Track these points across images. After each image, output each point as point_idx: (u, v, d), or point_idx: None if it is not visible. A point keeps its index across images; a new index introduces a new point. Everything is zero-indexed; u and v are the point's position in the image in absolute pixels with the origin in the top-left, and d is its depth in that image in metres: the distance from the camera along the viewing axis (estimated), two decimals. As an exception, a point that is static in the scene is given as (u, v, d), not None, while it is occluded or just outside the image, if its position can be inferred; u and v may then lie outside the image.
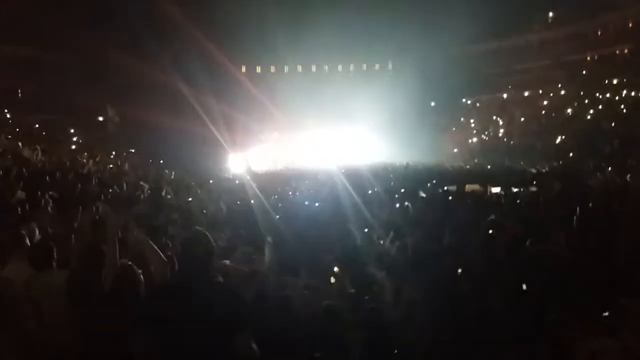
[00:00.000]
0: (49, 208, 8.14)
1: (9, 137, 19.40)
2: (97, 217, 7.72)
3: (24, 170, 12.46)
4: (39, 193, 9.06)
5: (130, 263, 3.91)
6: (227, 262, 6.11)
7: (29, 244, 4.73)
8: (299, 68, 35.22)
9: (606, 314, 4.21)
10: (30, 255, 4.22)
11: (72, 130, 28.57)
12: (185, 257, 3.11)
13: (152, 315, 2.90)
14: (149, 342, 2.92)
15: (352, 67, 35.88)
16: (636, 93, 28.78)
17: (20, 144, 18.85)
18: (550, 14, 39.92)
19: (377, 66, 34.92)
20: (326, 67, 34.69)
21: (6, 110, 27.05)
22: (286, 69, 34.97)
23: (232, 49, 33.12)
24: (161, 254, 4.44)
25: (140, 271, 3.80)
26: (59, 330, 3.51)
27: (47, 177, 11.98)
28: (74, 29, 30.27)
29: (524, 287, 5.33)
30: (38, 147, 18.98)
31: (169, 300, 2.91)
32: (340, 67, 35.12)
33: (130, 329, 3.09)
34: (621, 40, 34.94)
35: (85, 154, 21.43)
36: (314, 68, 35.55)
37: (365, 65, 35.77)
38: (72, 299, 3.67)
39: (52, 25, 30.16)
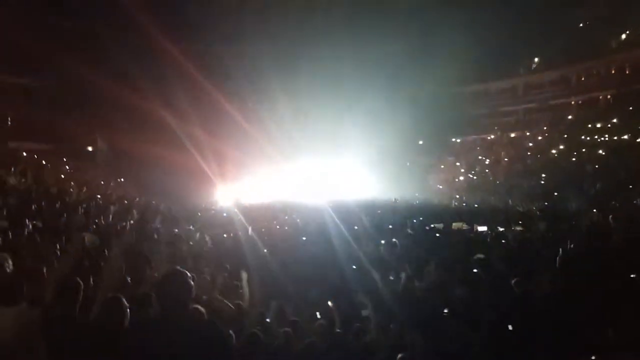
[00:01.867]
0: (33, 237, 8.05)
1: (-4, 164, 19.21)
2: (83, 247, 7.69)
3: (8, 198, 12.34)
4: (23, 222, 8.97)
5: (118, 295, 3.86)
6: (206, 298, 6.04)
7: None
8: (289, 103, 35.54)
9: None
10: None
11: (60, 159, 28.37)
12: (162, 296, 3.07)
13: (129, 350, 2.87)
14: None
15: (342, 104, 36.31)
16: (619, 137, 29.42)
17: (5, 171, 18.69)
18: (536, 59, 41.10)
19: (368, 104, 35.43)
20: (316, 103, 35.03)
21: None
22: (277, 104, 35.31)
23: (222, 84, 33.48)
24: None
25: (126, 304, 3.75)
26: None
27: (33, 206, 11.87)
28: (66, 58, 30.48)
29: (510, 327, 5.33)
30: (25, 175, 18.85)
31: (142, 338, 2.88)
32: (332, 104, 35.49)
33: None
34: (604, 85, 35.92)
35: (72, 183, 21.25)
36: (304, 104, 35.91)
37: (356, 103, 36.25)
38: (47, 333, 3.56)
39: (44, 55, 30.35)
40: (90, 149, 35.99)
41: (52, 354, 3.41)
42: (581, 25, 37.07)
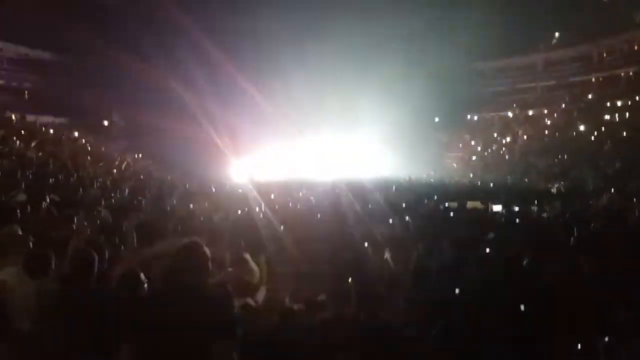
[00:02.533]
0: (51, 211, 8.17)
1: (14, 137, 19.45)
2: (99, 222, 7.79)
3: (27, 172, 12.51)
4: (41, 195, 9.09)
5: (134, 267, 3.91)
6: (225, 272, 6.10)
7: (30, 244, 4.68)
8: (304, 79, 35.24)
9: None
10: (25, 262, 4.09)
11: (76, 134, 28.65)
12: (177, 267, 3.10)
13: (142, 321, 2.92)
14: (135, 347, 2.93)
15: (359, 79, 35.93)
16: (639, 115, 28.85)
17: (24, 145, 18.94)
18: (556, 35, 40.15)
19: (383, 79, 34.99)
20: (331, 79, 34.71)
21: (14, 110, 27.19)
22: (292, 79, 35.08)
23: (238, 59, 33.31)
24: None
25: (142, 275, 3.80)
26: (51, 336, 3.50)
27: (50, 180, 12.02)
28: (83, 33, 30.51)
29: (522, 307, 5.31)
30: (42, 149, 19.09)
31: (157, 308, 2.93)
32: (347, 79, 35.11)
33: (120, 333, 3.09)
34: (626, 62, 35.07)
35: (89, 157, 21.48)
36: (319, 79, 35.63)
37: (372, 77, 35.82)
38: (63, 305, 3.64)
39: (61, 29, 30.43)
40: (106, 123, 36.29)
41: (70, 327, 3.48)
42: (603, 0, 36.07)
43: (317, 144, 34.39)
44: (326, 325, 4.78)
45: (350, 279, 7.17)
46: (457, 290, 5.91)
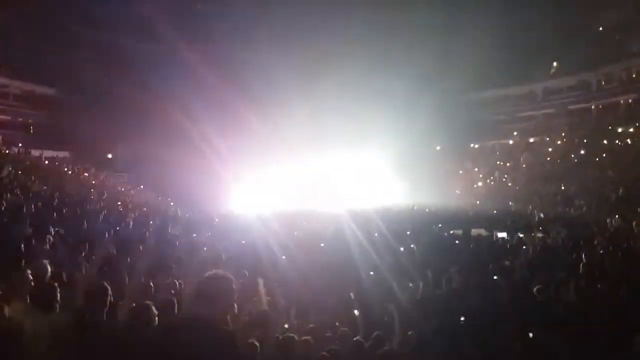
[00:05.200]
0: (56, 244, 8.18)
1: (19, 172, 19.59)
2: (105, 254, 7.79)
3: (32, 206, 12.55)
4: (46, 229, 9.10)
5: (148, 303, 3.89)
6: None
7: (33, 284, 4.67)
8: (307, 109, 35.51)
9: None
10: (32, 295, 4.10)
11: (80, 167, 28.87)
12: (204, 299, 3.04)
13: (157, 355, 2.89)
14: None
15: (361, 108, 36.27)
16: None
17: (29, 179, 19.06)
18: (554, 64, 40.68)
19: (385, 108, 35.33)
20: (334, 108, 34.97)
21: (19, 145, 27.49)
22: (295, 109, 35.36)
23: (239, 88, 33.64)
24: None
25: (154, 311, 3.78)
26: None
27: (55, 214, 12.06)
28: (86, 68, 31.07)
29: (531, 335, 5.27)
30: (47, 182, 19.19)
31: (169, 342, 2.90)
32: (349, 108, 35.39)
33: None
34: (625, 90, 35.38)
35: (93, 190, 21.57)
36: (322, 109, 35.87)
37: (374, 107, 36.18)
38: (75, 339, 3.63)
39: (64, 64, 31.00)
40: (110, 156, 36.55)
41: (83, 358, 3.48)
42: (600, 29, 36.62)
43: (320, 173, 34.48)
44: (335, 356, 4.73)
45: (355, 310, 7.12)
46: (464, 318, 5.87)
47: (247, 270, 9.05)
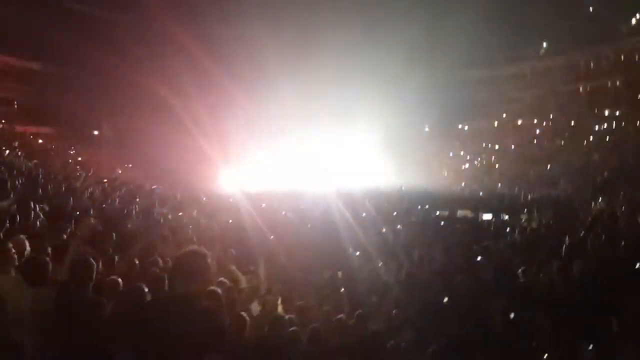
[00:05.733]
0: (39, 221, 8.11)
1: (3, 148, 19.32)
2: (90, 232, 7.74)
3: (17, 182, 12.40)
4: (31, 205, 9.00)
5: (139, 284, 3.86)
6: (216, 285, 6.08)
7: (16, 258, 4.63)
8: (295, 87, 35.25)
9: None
10: (23, 269, 4.08)
11: (66, 143, 28.53)
12: (180, 275, 3.05)
13: (136, 331, 2.89)
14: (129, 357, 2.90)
15: (349, 88, 36.11)
16: (627, 125, 29.18)
17: (14, 154, 18.83)
18: (544, 44, 40.63)
19: (373, 88, 35.24)
20: (322, 88, 34.76)
21: (3, 121, 27.05)
22: (282, 87, 35.12)
23: (227, 67, 33.30)
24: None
25: (147, 291, 3.75)
26: (48, 345, 3.48)
27: (40, 190, 11.93)
28: (71, 42, 30.46)
29: (512, 315, 5.35)
30: (32, 159, 18.97)
31: (151, 318, 2.89)
32: (337, 89, 35.18)
33: (115, 342, 3.07)
34: (613, 72, 35.51)
35: (78, 167, 21.35)
36: (309, 88, 35.67)
37: (362, 87, 36.06)
38: (60, 313, 3.64)
39: (50, 39, 30.35)
40: (96, 132, 36.12)
41: (68, 334, 3.48)
42: (590, 9, 36.56)
43: (307, 153, 34.41)
44: (316, 334, 4.78)
45: (341, 288, 7.19)
46: (447, 298, 5.94)
47: (234, 249, 9.08)
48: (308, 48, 34.24)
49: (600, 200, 15.85)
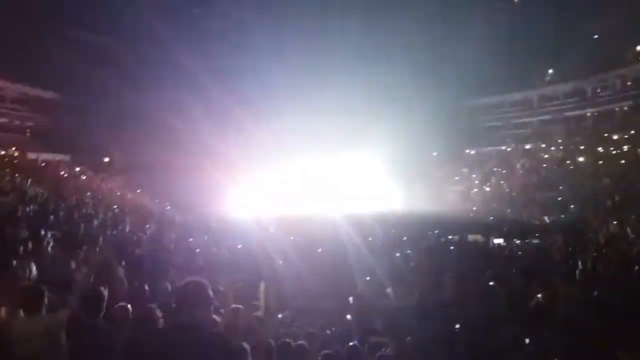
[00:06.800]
0: (50, 248, 8.16)
1: (16, 175, 19.53)
2: (100, 258, 7.78)
3: (28, 208, 12.53)
4: (42, 232, 9.09)
5: (151, 307, 3.85)
6: (222, 311, 6.06)
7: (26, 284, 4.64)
8: (303, 113, 35.42)
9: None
10: (20, 297, 4.07)
11: (77, 170, 28.81)
12: (180, 307, 3.07)
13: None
14: None
15: (358, 115, 36.22)
16: (636, 149, 29.06)
17: (25, 182, 19.00)
18: (550, 71, 40.88)
19: (382, 115, 35.39)
20: (331, 113, 34.98)
21: (15, 148, 27.41)
22: (290, 113, 35.30)
23: (235, 92, 33.62)
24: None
25: (158, 315, 3.74)
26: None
27: (52, 216, 12.03)
28: (83, 71, 31.07)
29: (527, 341, 5.27)
30: (44, 186, 19.14)
31: (160, 347, 2.89)
32: (345, 113, 35.37)
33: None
34: (620, 97, 35.57)
35: (89, 194, 21.51)
36: (319, 113, 35.88)
37: (370, 113, 36.13)
38: (71, 339, 3.63)
39: (62, 68, 30.97)
40: (106, 159, 36.48)
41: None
42: (596, 36, 36.83)
43: (316, 177, 34.47)
44: (330, 360, 4.73)
45: (351, 315, 7.12)
46: (459, 325, 5.87)
47: (244, 275, 9.05)
48: (317, 73, 34.69)
49: (612, 223, 15.71)
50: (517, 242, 14.46)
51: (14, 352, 3.53)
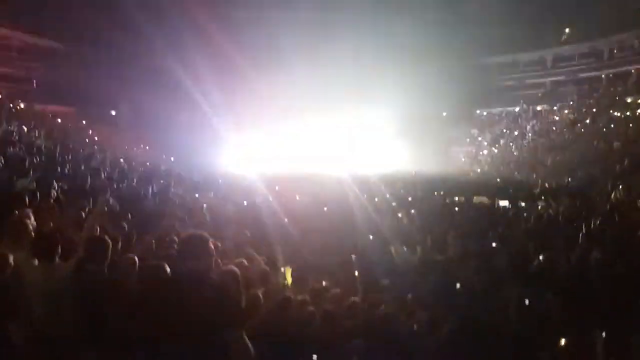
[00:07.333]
0: (60, 199, 8.23)
1: (23, 126, 19.57)
2: (107, 211, 7.84)
3: (35, 160, 12.60)
4: (50, 184, 9.14)
5: (161, 263, 3.89)
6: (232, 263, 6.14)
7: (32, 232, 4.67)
8: (311, 68, 34.87)
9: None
10: (33, 245, 4.09)
11: (84, 122, 28.80)
12: (182, 260, 3.11)
13: (151, 309, 2.94)
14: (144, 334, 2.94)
15: (366, 73, 35.67)
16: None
17: (32, 133, 19.07)
18: (566, 30, 39.79)
19: (391, 74, 34.78)
20: (339, 69, 34.47)
21: (22, 99, 27.35)
22: (297, 68, 34.78)
23: (246, 47, 33.12)
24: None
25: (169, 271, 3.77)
26: (62, 321, 3.53)
27: (59, 169, 12.10)
28: (92, 23, 30.64)
29: (527, 302, 5.32)
30: (51, 137, 19.20)
31: (165, 295, 2.94)
32: (353, 70, 34.82)
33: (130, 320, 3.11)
34: (636, 59, 34.72)
35: (96, 147, 21.57)
36: (325, 69, 35.34)
37: (379, 72, 35.54)
38: (77, 289, 3.68)
39: (70, 19, 30.55)
40: (113, 112, 36.42)
41: (83, 309, 3.53)
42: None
43: (323, 136, 34.31)
44: (330, 316, 4.81)
45: (355, 271, 7.21)
46: (460, 284, 5.93)
47: (249, 231, 9.13)
48: (325, 29, 33.97)
49: (620, 188, 15.61)
50: (523, 204, 14.44)
51: (29, 299, 3.60)
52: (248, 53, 32.73)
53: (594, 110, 32.52)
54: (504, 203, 14.81)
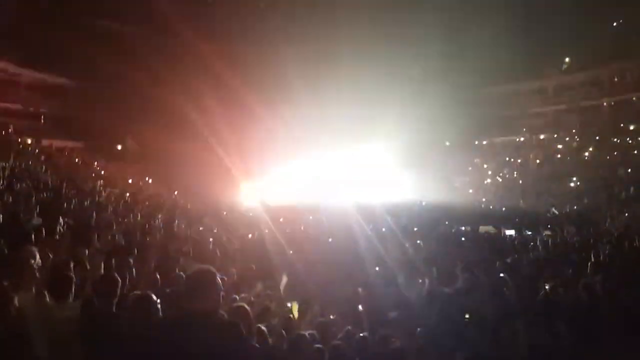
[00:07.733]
0: (66, 234, 8.25)
1: (30, 162, 19.75)
2: (113, 246, 7.85)
3: (42, 195, 12.67)
4: (56, 219, 9.17)
5: (148, 293, 3.89)
6: (237, 298, 6.11)
7: (36, 272, 4.64)
8: (315, 103, 35.25)
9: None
10: (49, 285, 4.08)
11: (91, 157, 29.05)
12: (190, 295, 3.08)
13: (157, 346, 2.90)
14: None
15: (370, 104, 35.96)
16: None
17: (39, 169, 19.21)
18: (567, 59, 40.23)
19: (394, 104, 35.12)
20: (342, 103, 34.78)
21: (29, 135, 27.70)
22: (302, 103, 35.15)
23: (248, 83, 33.60)
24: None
25: (157, 301, 3.78)
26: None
27: (65, 204, 12.15)
28: (97, 58, 31.18)
29: (536, 332, 5.25)
30: (57, 173, 19.33)
31: (170, 334, 2.91)
32: (358, 104, 35.17)
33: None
34: (637, 87, 34.95)
35: (102, 181, 21.69)
36: (330, 104, 35.70)
37: (383, 102, 35.91)
38: (84, 327, 3.67)
39: (76, 54, 31.10)
40: (119, 147, 36.72)
41: (91, 348, 3.50)
42: (614, 24, 36.16)
43: (328, 167, 34.43)
44: (339, 352, 4.74)
45: (361, 304, 7.13)
46: (469, 315, 5.85)
47: (255, 264, 9.10)
48: (329, 62, 34.47)
49: (626, 215, 15.54)
50: (529, 233, 14.36)
51: (41, 337, 3.57)
52: (254, 89, 33.17)
53: (597, 138, 32.59)
54: (510, 232, 14.74)
